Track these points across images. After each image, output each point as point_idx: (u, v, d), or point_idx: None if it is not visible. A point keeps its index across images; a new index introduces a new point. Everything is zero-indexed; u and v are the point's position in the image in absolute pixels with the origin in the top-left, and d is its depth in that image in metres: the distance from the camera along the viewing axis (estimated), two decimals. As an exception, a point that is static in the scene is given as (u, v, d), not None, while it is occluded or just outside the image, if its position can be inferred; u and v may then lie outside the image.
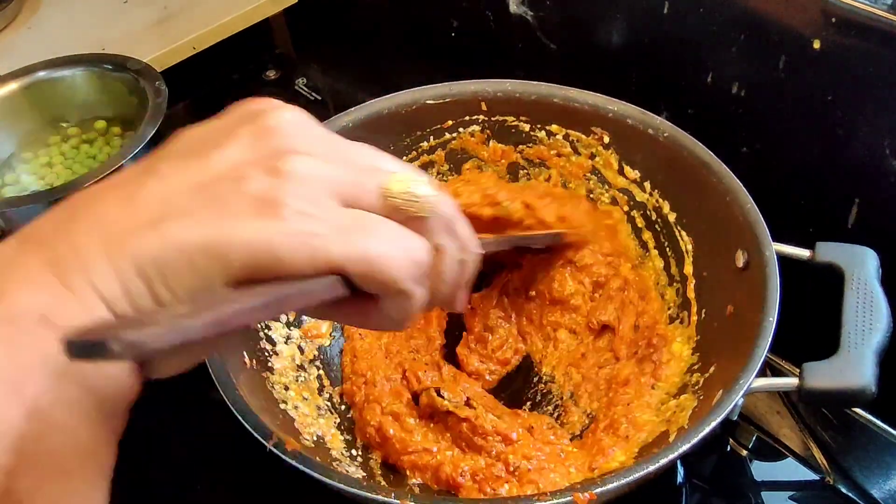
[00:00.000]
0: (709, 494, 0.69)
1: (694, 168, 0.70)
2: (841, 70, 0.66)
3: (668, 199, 0.73)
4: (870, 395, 0.53)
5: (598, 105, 0.75)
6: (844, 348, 0.56)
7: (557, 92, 0.77)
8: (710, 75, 0.76)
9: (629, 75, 0.84)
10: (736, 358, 0.57)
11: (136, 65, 0.86)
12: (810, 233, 0.76)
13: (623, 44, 0.82)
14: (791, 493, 0.69)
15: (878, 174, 0.67)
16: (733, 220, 0.65)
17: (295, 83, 1.16)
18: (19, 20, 1.05)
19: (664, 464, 0.51)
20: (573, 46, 0.88)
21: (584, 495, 0.49)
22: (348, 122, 0.76)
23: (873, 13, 0.62)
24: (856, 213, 0.71)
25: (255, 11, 1.05)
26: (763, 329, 0.57)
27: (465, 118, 0.80)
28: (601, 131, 0.77)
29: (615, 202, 0.77)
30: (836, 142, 0.69)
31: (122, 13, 1.05)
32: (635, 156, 0.75)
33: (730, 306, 0.65)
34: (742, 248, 0.64)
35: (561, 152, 0.78)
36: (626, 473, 0.51)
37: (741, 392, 0.54)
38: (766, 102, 0.74)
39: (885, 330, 0.56)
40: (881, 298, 0.58)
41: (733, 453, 0.72)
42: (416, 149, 0.81)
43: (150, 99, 0.82)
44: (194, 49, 1.01)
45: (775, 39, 0.69)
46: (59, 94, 0.89)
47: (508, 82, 0.78)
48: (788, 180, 0.75)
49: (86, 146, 0.88)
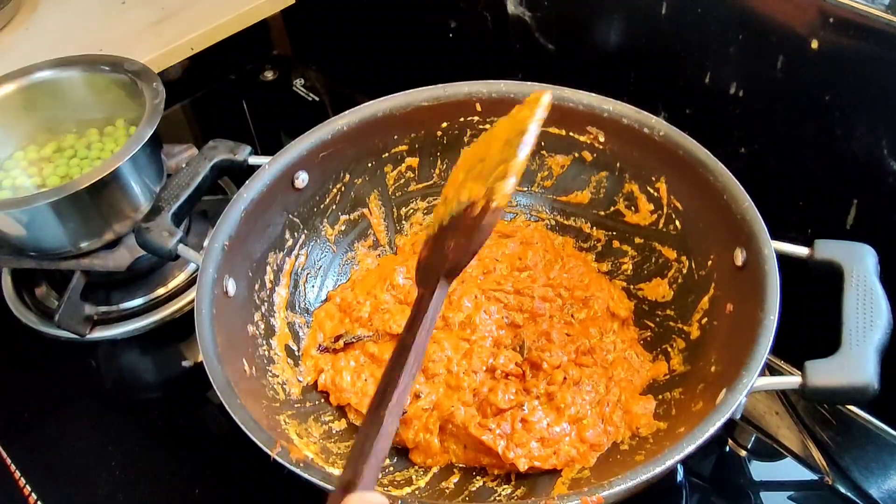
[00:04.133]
0: (708, 494, 0.69)
1: (691, 167, 0.70)
2: (839, 70, 0.66)
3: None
4: (872, 392, 0.53)
5: (594, 105, 0.76)
6: (846, 346, 0.56)
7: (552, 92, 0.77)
8: (708, 75, 0.76)
9: (627, 75, 0.84)
10: (737, 357, 0.57)
11: (133, 66, 0.86)
12: (809, 234, 0.76)
13: (621, 44, 0.83)
14: (790, 493, 0.69)
15: (876, 174, 0.67)
16: (731, 218, 0.65)
17: (293, 84, 1.16)
18: (17, 21, 1.05)
19: (670, 465, 0.51)
20: (571, 47, 0.88)
21: (592, 499, 0.49)
22: (343, 125, 0.77)
23: (871, 13, 0.62)
24: (854, 213, 0.71)
25: (253, 12, 1.05)
26: (764, 328, 0.57)
27: (459, 119, 0.80)
28: (596, 131, 0.77)
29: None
30: (834, 142, 0.69)
31: (119, 14, 1.05)
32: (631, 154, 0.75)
33: (729, 305, 0.65)
34: (740, 246, 0.64)
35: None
36: (631, 476, 0.51)
37: (745, 391, 0.54)
38: (764, 102, 0.74)
39: (886, 327, 0.56)
40: (881, 295, 0.58)
41: (732, 453, 0.72)
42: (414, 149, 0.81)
43: (147, 100, 0.82)
44: (192, 50, 1.01)
45: (773, 39, 0.69)
46: (56, 95, 0.88)
47: (503, 83, 0.78)
48: (787, 181, 0.75)
49: (83, 147, 0.88)
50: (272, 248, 0.75)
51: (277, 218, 0.76)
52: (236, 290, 0.69)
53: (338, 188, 0.80)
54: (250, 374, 0.66)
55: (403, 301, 0.75)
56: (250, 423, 0.56)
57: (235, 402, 0.58)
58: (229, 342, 0.64)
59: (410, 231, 0.84)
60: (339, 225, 0.81)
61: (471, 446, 0.65)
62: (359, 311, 0.75)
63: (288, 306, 0.75)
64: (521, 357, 0.70)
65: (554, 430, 0.65)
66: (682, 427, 0.60)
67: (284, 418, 0.65)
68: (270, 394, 0.67)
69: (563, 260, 0.78)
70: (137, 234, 0.71)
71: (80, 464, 0.74)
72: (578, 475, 0.63)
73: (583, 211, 0.81)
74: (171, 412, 0.79)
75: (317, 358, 0.74)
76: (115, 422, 0.78)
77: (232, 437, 0.57)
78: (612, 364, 0.70)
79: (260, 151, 0.76)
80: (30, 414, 0.79)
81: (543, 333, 0.71)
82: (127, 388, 0.84)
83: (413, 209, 0.84)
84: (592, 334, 0.72)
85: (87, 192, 0.76)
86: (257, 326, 0.71)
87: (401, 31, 1.09)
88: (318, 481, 0.53)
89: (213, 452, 0.74)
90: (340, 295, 0.78)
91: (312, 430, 0.67)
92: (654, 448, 0.62)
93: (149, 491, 0.72)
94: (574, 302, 0.75)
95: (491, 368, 0.69)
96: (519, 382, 0.68)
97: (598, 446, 0.65)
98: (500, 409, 0.65)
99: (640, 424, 0.66)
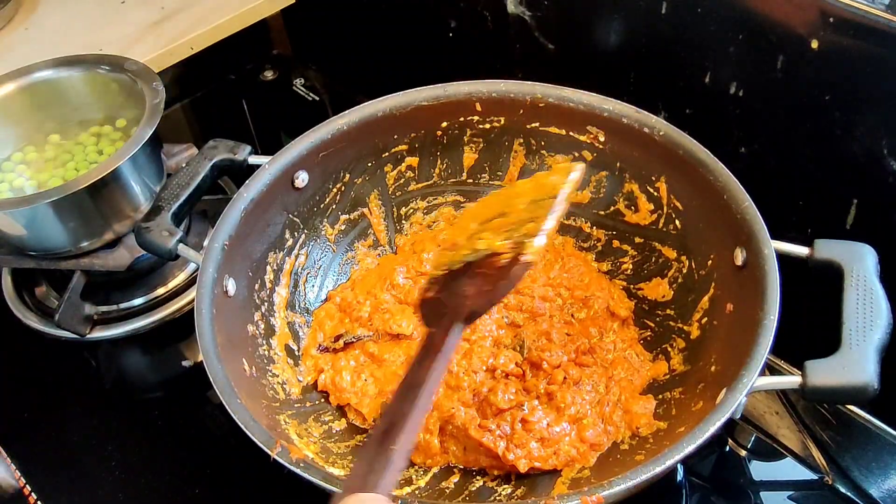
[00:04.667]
0: (708, 494, 0.69)
1: (690, 166, 0.70)
2: (839, 70, 0.66)
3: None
4: (872, 392, 0.53)
5: (594, 104, 0.76)
6: (846, 345, 0.56)
7: (552, 92, 0.77)
8: (708, 75, 0.76)
9: (627, 75, 0.84)
10: (737, 357, 0.57)
11: (133, 66, 0.86)
12: (809, 233, 0.76)
13: (621, 44, 0.82)
14: (790, 493, 0.69)
15: (876, 174, 0.67)
16: (731, 218, 0.65)
17: (293, 84, 1.16)
18: (17, 21, 1.05)
19: (670, 465, 0.51)
20: (571, 47, 0.88)
21: (592, 498, 0.50)
22: (343, 125, 0.77)
23: (871, 13, 0.62)
24: (854, 213, 0.71)
25: (253, 12, 1.05)
26: (764, 327, 0.57)
27: (459, 119, 0.80)
28: (596, 130, 0.77)
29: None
30: (834, 142, 0.69)
31: (119, 14, 1.05)
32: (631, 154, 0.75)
33: (729, 304, 0.65)
34: (740, 246, 0.64)
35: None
36: (631, 476, 0.51)
37: (745, 391, 0.54)
38: (764, 102, 0.74)
39: (886, 327, 0.56)
40: (881, 295, 0.58)
41: (732, 453, 0.72)
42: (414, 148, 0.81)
43: (147, 100, 0.82)
44: (192, 50, 1.01)
45: (773, 39, 0.69)
46: (56, 95, 0.88)
47: (502, 83, 0.78)
48: (787, 181, 0.75)
49: (83, 147, 0.88)
50: (272, 247, 0.75)
51: (277, 218, 0.76)
52: (236, 289, 0.69)
53: (338, 188, 0.80)
54: (250, 374, 0.66)
55: (403, 301, 0.75)
56: (250, 423, 0.56)
57: (235, 402, 0.58)
58: (229, 342, 0.64)
59: (410, 231, 0.84)
60: (339, 225, 0.81)
61: (470, 448, 0.65)
62: (359, 311, 0.75)
63: (288, 306, 0.75)
64: (521, 357, 0.70)
65: (554, 430, 0.65)
66: (682, 427, 0.60)
67: (284, 418, 0.65)
68: (270, 394, 0.67)
69: (563, 259, 0.78)
70: (137, 234, 0.71)
71: (80, 464, 0.74)
72: (578, 475, 0.63)
73: (583, 210, 0.81)
74: (171, 412, 0.79)
75: (317, 358, 0.74)
76: (115, 422, 0.78)
77: (232, 437, 0.57)
78: (612, 364, 0.70)
79: (260, 151, 0.76)
80: (30, 414, 0.79)
81: (543, 333, 0.71)
82: (127, 387, 0.84)
83: (413, 209, 0.84)
84: (592, 334, 0.72)
85: (87, 192, 0.76)
86: (257, 326, 0.71)
87: (401, 30, 1.09)
88: (318, 481, 0.53)
89: (213, 452, 0.74)
90: (340, 295, 0.78)
91: (312, 429, 0.67)
92: (654, 448, 0.62)
93: (149, 491, 0.72)
94: (574, 301, 0.75)
95: (491, 368, 0.69)
96: (519, 382, 0.68)
97: (598, 446, 0.65)
98: (499, 409, 0.65)
99: (640, 424, 0.66)
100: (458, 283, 0.58)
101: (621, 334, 0.73)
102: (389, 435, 0.48)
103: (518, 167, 0.82)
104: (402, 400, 0.51)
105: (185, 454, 0.75)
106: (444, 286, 0.59)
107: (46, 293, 0.89)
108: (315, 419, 0.69)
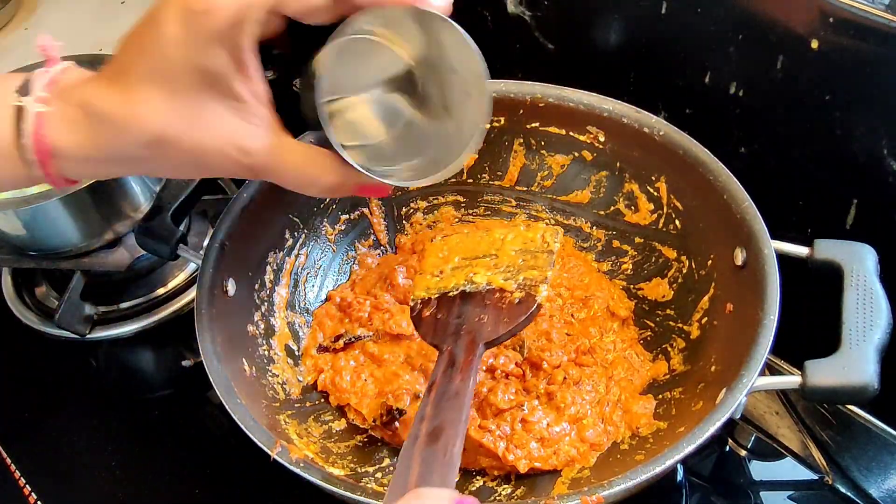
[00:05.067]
0: (708, 494, 0.69)
1: (690, 166, 0.70)
2: (839, 70, 0.66)
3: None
4: (872, 392, 0.53)
5: (594, 104, 0.76)
6: (846, 345, 0.56)
7: (552, 91, 0.77)
8: (708, 75, 0.76)
9: (627, 75, 0.84)
10: (737, 357, 0.57)
11: (133, 65, 0.86)
12: (809, 233, 0.75)
13: (621, 44, 0.82)
14: (790, 493, 0.69)
15: (876, 174, 0.67)
16: (731, 218, 0.65)
17: (293, 84, 1.16)
18: (16, 21, 1.05)
19: (670, 465, 0.51)
20: (571, 47, 0.88)
21: (592, 498, 0.50)
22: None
23: (871, 13, 0.62)
24: (854, 213, 0.71)
25: (253, 12, 1.05)
26: (764, 327, 0.57)
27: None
28: (596, 130, 0.77)
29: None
30: (834, 142, 0.69)
31: (119, 13, 1.05)
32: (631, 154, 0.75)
33: (729, 304, 0.65)
34: (740, 246, 0.65)
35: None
36: (631, 475, 0.51)
37: (745, 391, 0.54)
38: (764, 102, 0.74)
39: (886, 327, 0.56)
40: (881, 295, 0.58)
41: (732, 453, 0.72)
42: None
43: (147, 99, 0.82)
44: (192, 50, 1.01)
45: (773, 39, 0.69)
46: (56, 94, 0.88)
47: (502, 82, 0.78)
48: (787, 181, 0.75)
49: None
50: (272, 247, 0.75)
51: (277, 218, 0.76)
52: (236, 289, 0.69)
53: (338, 188, 0.80)
54: (250, 374, 0.66)
55: (403, 301, 0.75)
56: (250, 422, 0.57)
57: (235, 402, 0.58)
58: (229, 342, 0.64)
59: (411, 230, 0.84)
60: (339, 224, 0.81)
61: (470, 448, 0.65)
62: (359, 311, 0.75)
63: (288, 306, 0.75)
64: (521, 357, 0.70)
65: (554, 430, 0.65)
66: (682, 427, 0.60)
67: (284, 418, 0.65)
68: (270, 393, 0.67)
69: (563, 259, 0.78)
70: (137, 234, 0.71)
71: (80, 464, 0.74)
72: (578, 475, 0.63)
73: (583, 210, 0.81)
74: (171, 412, 0.79)
75: (317, 358, 0.73)
76: (115, 422, 0.78)
77: (232, 437, 0.57)
78: (612, 364, 0.70)
79: (260, 151, 0.76)
80: (30, 414, 0.79)
81: (543, 333, 0.71)
82: (127, 387, 0.84)
83: (413, 209, 0.84)
84: (592, 334, 0.72)
85: (87, 192, 0.76)
86: (257, 326, 0.71)
87: (401, 30, 1.09)
88: (317, 481, 0.53)
89: (213, 452, 0.74)
90: (340, 295, 0.78)
91: (312, 429, 0.67)
92: (654, 448, 0.62)
93: (149, 491, 0.72)
94: (574, 301, 0.75)
95: (491, 368, 0.69)
96: (519, 382, 0.68)
97: (598, 446, 0.65)
98: (499, 409, 0.65)
99: (640, 424, 0.66)
100: (468, 310, 0.63)
101: (621, 334, 0.73)
102: (439, 438, 0.50)
103: (518, 167, 0.82)
104: (442, 407, 0.53)
105: (185, 454, 0.75)
106: (443, 308, 0.64)
107: (46, 293, 0.89)
108: (315, 419, 0.69)
